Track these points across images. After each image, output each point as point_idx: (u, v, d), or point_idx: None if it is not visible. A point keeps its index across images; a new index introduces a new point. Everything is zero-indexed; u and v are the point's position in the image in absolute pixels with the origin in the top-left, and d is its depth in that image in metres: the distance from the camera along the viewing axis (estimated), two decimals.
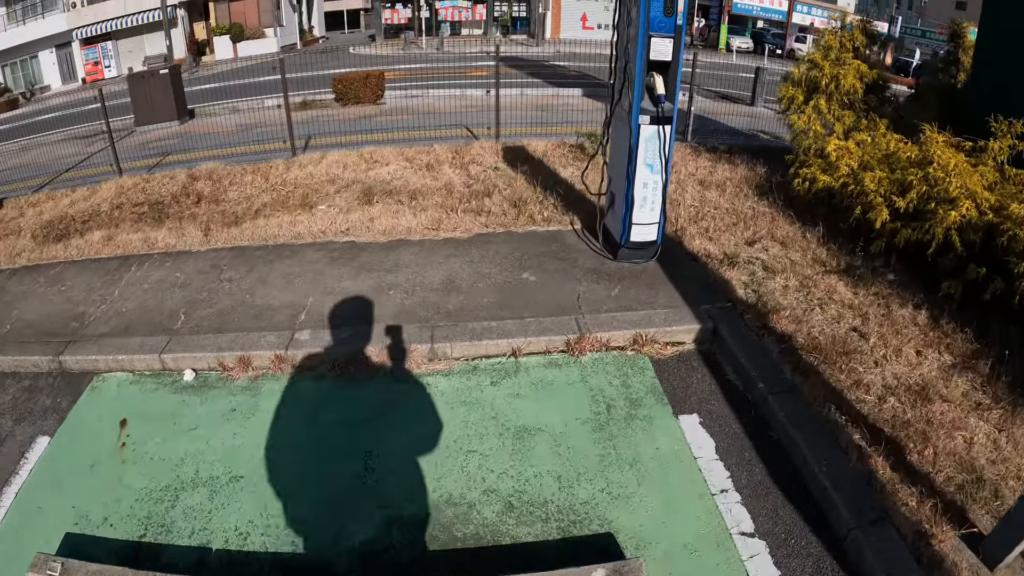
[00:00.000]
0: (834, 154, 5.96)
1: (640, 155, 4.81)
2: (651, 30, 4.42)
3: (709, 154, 8.51)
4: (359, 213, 6.34)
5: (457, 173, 7.49)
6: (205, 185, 7.85)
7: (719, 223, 5.93)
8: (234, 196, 7.33)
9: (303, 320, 4.66)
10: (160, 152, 10.96)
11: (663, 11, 4.37)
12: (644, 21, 4.41)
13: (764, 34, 38.56)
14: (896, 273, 5.11)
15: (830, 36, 7.29)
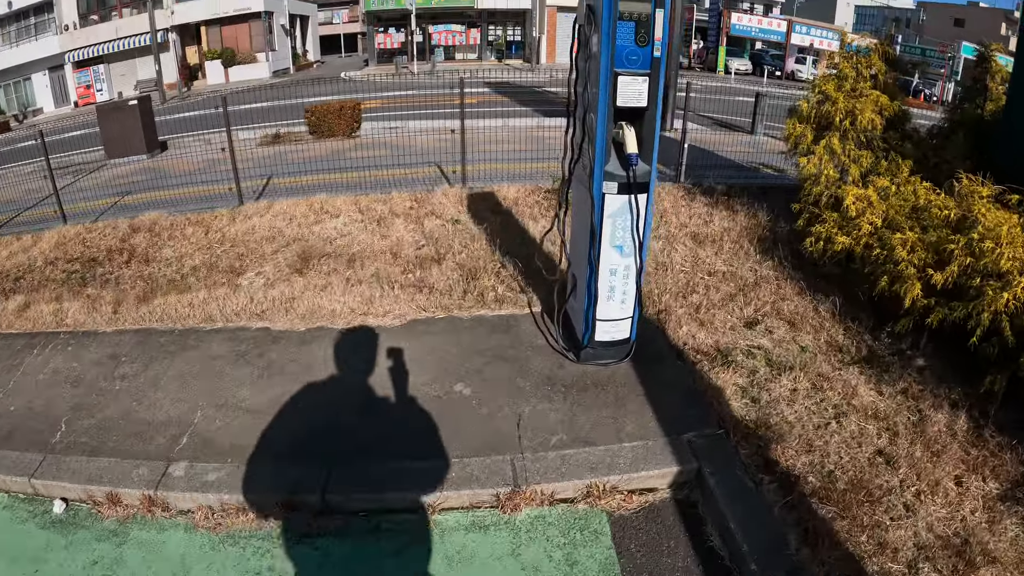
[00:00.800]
0: (853, 207, 4.97)
1: (606, 235, 3.69)
2: (617, 66, 3.34)
3: (705, 197, 7.54)
4: (284, 287, 5.39)
5: (410, 229, 6.54)
6: (143, 239, 7.25)
7: (713, 297, 4.92)
8: (167, 255, 6.68)
9: (183, 446, 3.69)
10: (120, 191, 10.31)
11: (634, 39, 3.31)
12: (607, 53, 3.34)
13: (763, 56, 37.99)
14: (926, 357, 4.20)
15: (844, 63, 6.23)
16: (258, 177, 9.69)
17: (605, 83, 3.39)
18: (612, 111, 3.43)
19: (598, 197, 3.60)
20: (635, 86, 3.39)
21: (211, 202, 8.39)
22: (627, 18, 3.25)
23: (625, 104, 3.41)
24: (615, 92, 3.37)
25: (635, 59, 3.35)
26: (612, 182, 3.55)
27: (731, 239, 6.06)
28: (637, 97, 3.41)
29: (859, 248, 4.85)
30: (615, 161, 3.56)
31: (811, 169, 5.88)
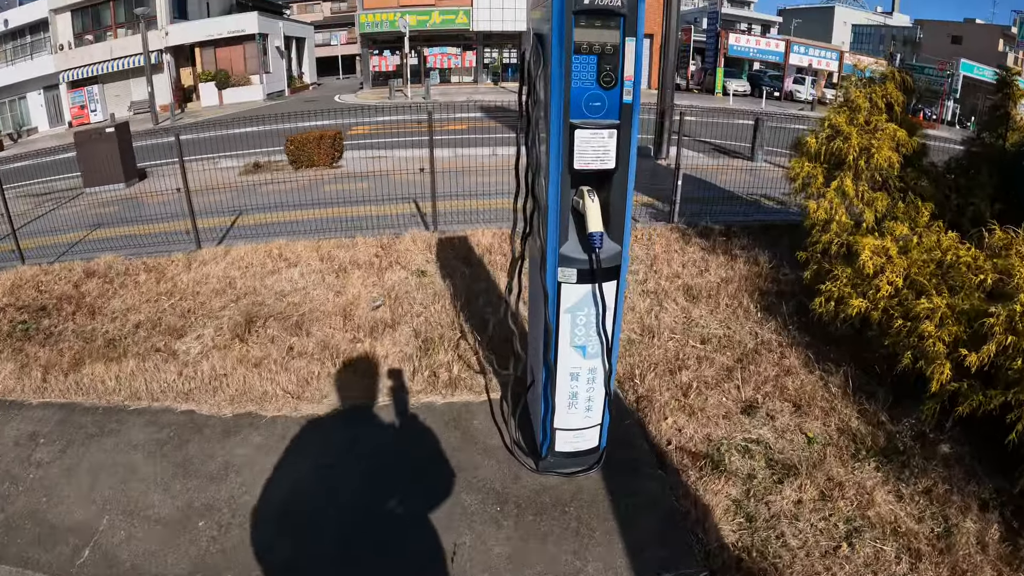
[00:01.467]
0: (870, 263, 4.35)
1: (564, 333, 2.89)
2: (574, 115, 2.56)
3: (701, 240, 6.92)
4: (219, 358, 4.75)
5: (370, 283, 5.90)
6: (95, 286, 6.74)
7: (706, 372, 4.26)
8: (115, 307, 6.15)
9: (85, 560, 3.08)
10: (91, 224, 9.80)
11: (595, 79, 2.54)
12: (559, 99, 2.55)
13: (761, 76, 37.57)
14: (952, 441, 3.61)
15: (856, 92, 5.55)
16: (228, 213, 9.20)
17: (558, 138, 2.59)
18: (569, 175, 2.65)
19: (552, 287, 2.80)
20: (598, 142, 2.59)
21: (171, 244, 7.88)
22: (586, 50, 2.50)
23: (585, 167, 2.62)
24: (571, 151, 2.59)
25: (598, 106, 2.57)
26: (570, 268, 2.74)
27: (729, 293, 5.42)
28: (602, 157, 2.61)
29: (877, 313, 4.23)
30: (574, 240, 2.76)
31: (821, 215, 5.25)
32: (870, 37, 62.55)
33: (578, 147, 2.59)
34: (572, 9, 2.44)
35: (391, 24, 33.83)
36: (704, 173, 10.29)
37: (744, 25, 55.17)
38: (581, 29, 2.49)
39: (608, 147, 2.61)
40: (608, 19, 2.49)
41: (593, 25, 2.49)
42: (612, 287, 2.82)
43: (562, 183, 2.63)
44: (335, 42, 49.94)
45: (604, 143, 2.60)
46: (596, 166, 2.63)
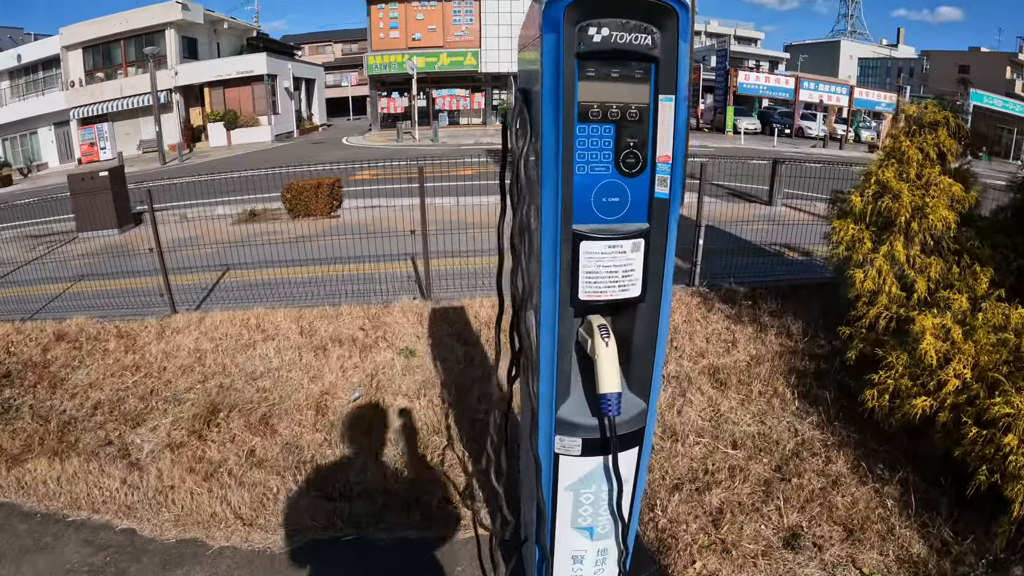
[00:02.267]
0: (932, 351, 3.67)
1: (563, 513, 2.07)
2: (578, 218, 1.73)
3: (725, 306, 6.25)
4: (169, 461, 4.09)
5: (351, 367, 5.21)
6: (63, 352, 6.27)
7: (740, 490, 3.53)
8: (78, 380, 5.63)
9: None
10: (75, 275, 9.44)
11: (612, 161, 1.71)
12: (554, 191, 1.70)
13: (771, 113, 37.19)
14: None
15: (906, 142, 4.83)
16: (215, 268, 8.65)
17: (553, 253, 1.73)
18: (571, 307, 1.81)
19: (546, 458, 1.96)
20: (616, 259, 1.74)
21: (149, 306, 7.33)
22: (598, 116, 1.67)
23: (596, 297, 1.77)
24: (575, 271, 1.74)
25: (615, 203, 1.73)
26: (572, 438, 1.91)
27: (761, 377, 4.72)
28: (621, 281, 1.76)
29: (944, 415, 3.54)
30: (578, 396, 1.92)
31: (869, 286, 4.57)
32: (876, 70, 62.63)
33: (585, 267, 1.74)
34: (575, 50, 1.59)
35: (399, 66, 33.77)
36: (722, 221, 9.65)
37: (752, 62, 55.24)
38: (589, 83, 1.64)
39: (631, 266, 1.75)
40: (632, 67, 1.65)
41: (609, 76, 1.65)
42: (633, 456, 1.99)
43: (560, 318, 1.79)
44: (345, 83, 50.10)
45: (625, 260, 1.75)
46: (612, 295, 1.78)
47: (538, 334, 1.84)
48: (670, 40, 1.63)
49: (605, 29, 1.59)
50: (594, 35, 1.59)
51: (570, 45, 1.59)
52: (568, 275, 1.76)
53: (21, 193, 24.56)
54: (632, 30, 1.60)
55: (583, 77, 1.64)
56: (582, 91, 1.65)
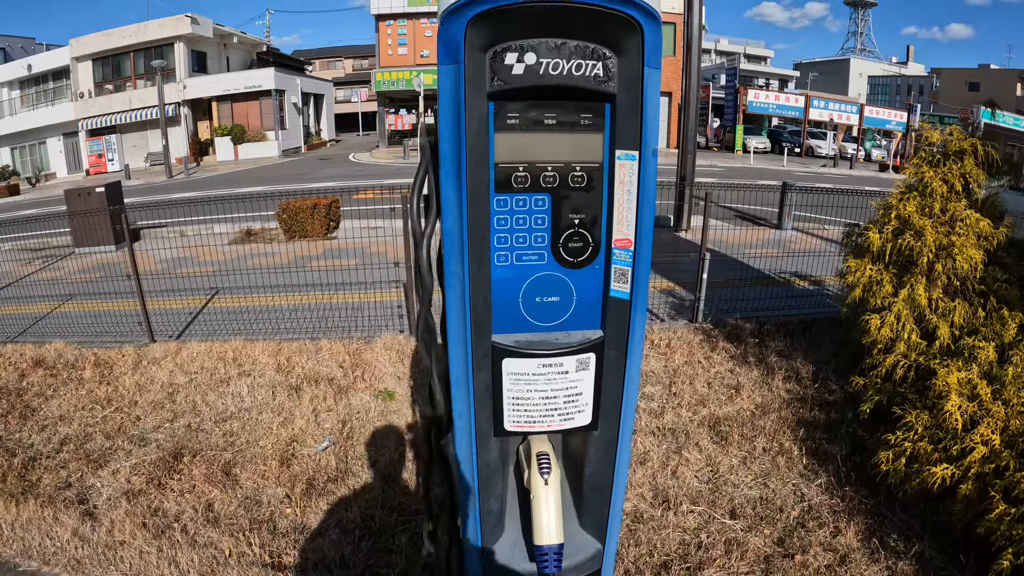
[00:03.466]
0: (957, 412, 3.33)
1: None
2: (498, 327, 1.25)
3: (729, 344, 5.89)
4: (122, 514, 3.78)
5: (324, 409, 4.89)
6: (38, 379, 6.11)
7: (735, 570, 3.15)
8: (50, 411, 5.46)
9: None
10: (64, 294, 9.29)
11: (548, 245, 1.23)
12: (458, 294, 1.23)
13: (781, 133, 36.87)
14: None
15: (929, 172, 4.39)
16: (203, 292, 8.42)
17: (463, 373, 1.29)
18: (494, 436, 1.35)
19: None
20: (553, 381, 1.28)
21: (130, 333, 7.07)
22: (523, 184, 1.20)
23: (525, 428, 1.33)
24: (497, 396, 1.29)
25: (553, 303, 1.27)
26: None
27: (766, 431, 4.36)
28: (561, 408, 1.31)
29: (967, 486, 3.19)
30: (514, 534, 1.48)
31: (887, 333, 4.20)
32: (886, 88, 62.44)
33: (510, 392, 1.28)
34: (486, 88, 1.10)
35: (407, 83, 33.67)
36: (729, 246, 9.32)
37: (762, 81, 55.03)
38: (511, 135, 1.16)
39: (575, 389, 1.29)
40: (574, 109, 1.16)
41: (540, 125, 1.16)
42: None
43: (482, 451, 1.35)
44: (355, 99, 49.91)
45: (567, 383, 1.28)
46: (549, 426, 1.32)
47: (457, 467, 1.40)
48: (631, 68, 1.11)
49: (531, 55, 1.08)
50: (515, 65, 1.08)
51: (477, 80, 1.09)
52: (488, 400, 1.29)
53: (28, 203, 24.58)
54: (573, 55, 1.09)
55: (501, 127, 1.14)
56: (501, 147, 1.15)
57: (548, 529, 1.30)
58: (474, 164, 1.13)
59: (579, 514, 1.47)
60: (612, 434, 1.36)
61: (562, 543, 1.32)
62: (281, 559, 3.33)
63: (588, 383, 1.29)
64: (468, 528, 1.43)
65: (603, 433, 1.35)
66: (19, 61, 36.74)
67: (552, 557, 1.31)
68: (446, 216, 1.19)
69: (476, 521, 1.41)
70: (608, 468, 1.39)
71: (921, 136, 4.88)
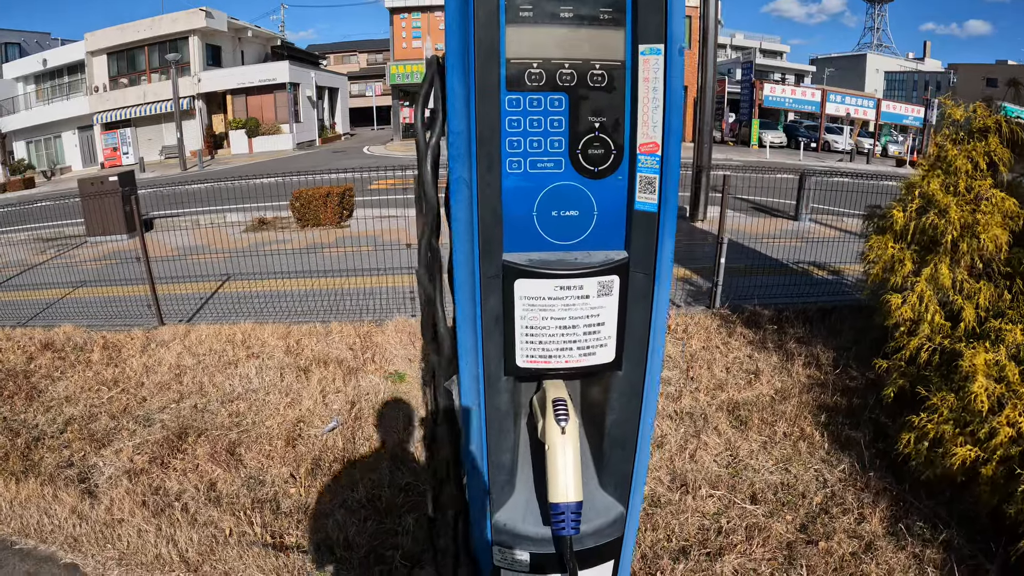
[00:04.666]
0: (983, 394, 3.18)
1: None
2: (510, 243, 1.10)
3: (748, 330, 5.75)
4: (122, 492, 3.71)
5: (332, 390, 4.81)
6: (47, 362, 6.09)
7: (756, 555, 3.03)
8: (56, 393, 5.41)
9: None
10: (77, 280, 9.34)
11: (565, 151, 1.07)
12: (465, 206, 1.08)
13: (797, 127, 36.44)
14: None
15: (953, 150, 4.22)
16: (216, 277, 8.39)
17: (470, 297, 1.14)
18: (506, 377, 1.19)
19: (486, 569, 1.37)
20: (572, 308, 1.12)
21: (138, 318, 7.02)
22: (538, 83, 1.04)
23: (539, 364, 1.16)
24: (508, 326, 1.13)
25: (572, 218, 1.11)
26: (515, 551, 1.29)
27: (787, 416, 4.22)
28: (580, 341, 1.15)
29: (991, 468, 3.05)
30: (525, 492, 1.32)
31: (907, 313, 4.04)
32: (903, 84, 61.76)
33: (523, 320, 1.13)
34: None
35: (421, 76, 33.42)
36: (746, 237, 9.15)
37: (777, 75, 54.48)
38: (524, 28, 1.02)
39: (597, 318, 1.14)
40: (595, 2, 1.03)
41: (556, 18, 1.03)
42: (607, 570, 1.37)
43: (491, 394, 1.19)
44: (370, 93, 49.90)
45: (588, 310, 1.13)
46: (568, 363, 1.17)
47: (460, 411, 1.25)
48: None
49: None
50: None
51: None
52: (498, 331, 1.14)
53: (43, 196, 24.75)
54: None
55: (514, 19, 1.01)
56: (513, 41, 1.02)
57: (565, 484, 1.16)
58: (483, 58, 1.00)
59: (599, 474, 1.32)
60: (638, 375, 1.20)
61: (580, 500, 1.17)
62: (283, 539, 3.24)
63: (611, 312, 1.14)
64: (474, 487, 1.28)
65: (627, 374, 1.20)
66: (34, 56, 36.93)
67: (570, 517, 1.17)
68: (452, 117, 1.04)
69: (484, 478, 1.26)
70: (633, 416, 1.23)
71: (944, 113, 4.69)
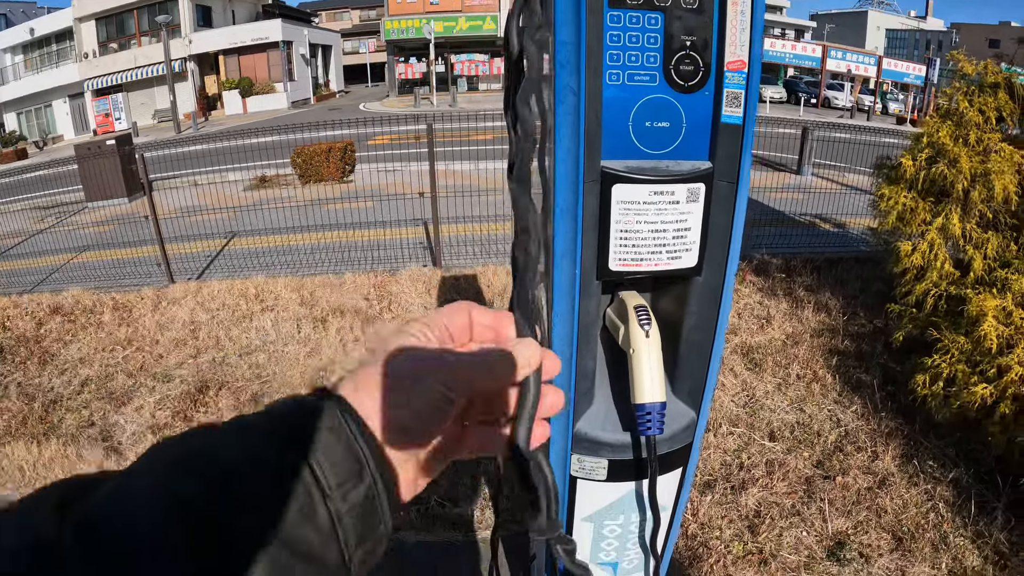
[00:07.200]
0: (993, 334, 3.24)
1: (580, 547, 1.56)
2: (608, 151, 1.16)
3: (757, 278, 5.81)
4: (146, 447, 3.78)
5: (351, 339, 4.87)
6: (57, 326, 6.08)
7: (778, 489, 3.12)
8: (69, 355, 5.40)
9: None
10: (80, 245, 9.16)
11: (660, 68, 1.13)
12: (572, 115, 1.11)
13: (797, 83, 36.06)
14: None
15: (964, 101, 4.25)
16: (221, 236, 8.41)
17: (571, 201, 1.16)
18: (597, 281, 1.27)
19: (560, 480, 1.41)
20: (663, 212, 1.19)
21: (147, 278, 7.03)
22: (635, 1, 1.10)
23: (632, 267, 1.23)
24: (604, 229, 1.19)
25: (663, 129, 1.16)
26: (595, 458, 1.40)
27: (800, 359, 4.30)
28: (669, 245, 1.22)
29: (1005, 405, 3.12)
30: (604, 402, 1.41)
31: (917, 260, 4.10)
32: (904, 42, 60.89)
33: (618, 223, 1.18)
34: None
35: (417, 31, 32.98)
36: (750, 190, 9.15)
37: (777, 30, 53.74)
38: None
39: (685, 223, 1.20)
40: None
41: None
42: (674, 479, 1.49)
43: (583, 296, 1.23)
44: (363, 50, 49.15)
45: (677, 215, 1.19)
46: (657, 265, 1.22)
47: (550, 318, 1.26)
48: None
49: None
50: None
51: None
52: (594, 235, 1.19)
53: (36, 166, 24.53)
54: None
55: None
56: None
57: (652, 386, 1.23)
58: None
59: (672, 381, 1.40)
60: (717, 280, 1.27)
61: (664, 401, 1.25)
62: None
63: (697, 217, 1.21)
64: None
65: (707, 280, 1.27)
66: (21, 26, 36.01)
67: (656, 417, 1.24)
68: (560, 27, 1.08)
69: (571, 383, 1.31)
70: (710, 321, 1.31)
71: (958, 67, 4.69)
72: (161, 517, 0.36)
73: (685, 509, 1.76)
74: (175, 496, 0.37)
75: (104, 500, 0.38)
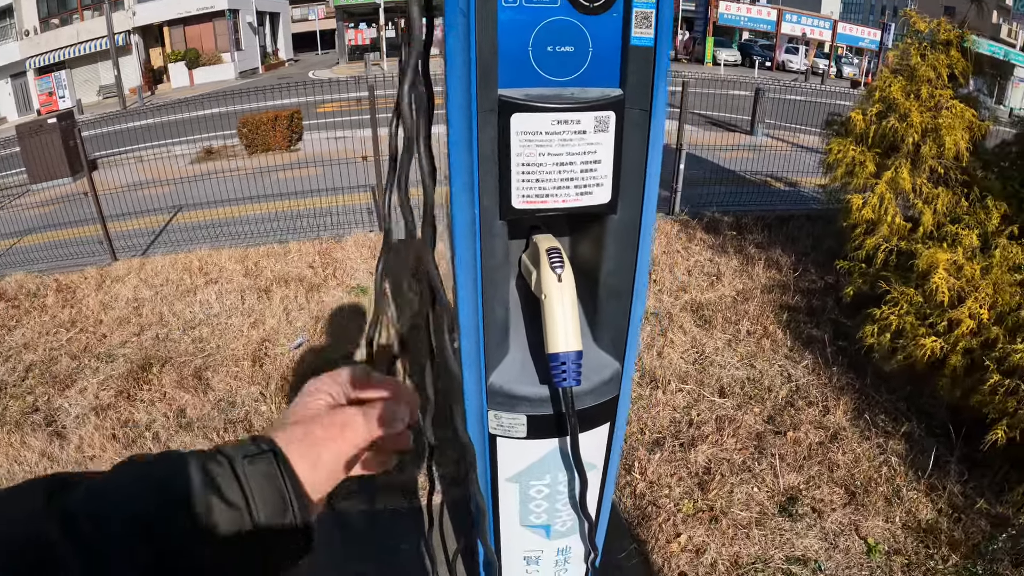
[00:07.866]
0: (944, 286, 3.27)
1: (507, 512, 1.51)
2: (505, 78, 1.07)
3: (708, 235, 5.81)
4: (91, 429, 3.66)
5: (295, 307, 4.75)
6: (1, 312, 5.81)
7: (728, 446, 3.13)
8: (14, 341, 5.18)
9: None
10: (23, 229, 8.91)
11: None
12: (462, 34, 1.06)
13: (752, 46, 36.10)
14: None
15: (917, 55, 4.27)
16: (166, 211, 8.17)
17: (465, 133, 1.08)
18: (501, 221, 1.17)
19: (478, 440, 1.38)
20: (569, 143, 1.10)
21: (91, 257, 6.79)
22: None
23: (536, 204, 1.14)
24: (504, 163, 1.10)
25: (567, 53, 1.06)
26: (512, 414, 1.32)
27: (749, 315, 4.31)
28: (577, 179, 1.13)
29: (956, 358, 3.15)
30: (519, 352, 1.33)
31: (868, 214, 4.12)
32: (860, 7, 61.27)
33: (519, 156, 1.09)
34: None
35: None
36: (702, 150, 9.14)
37: None
38: None
39: (594, 155, 1.12)
40: None
41: None
42: (602, 435, 1.41)
43: (485, 238, 1.16)
44: (312, 17, 47.85)
45: (584, 146, 1.11)
46: (564, 202, 1.14)
47: (453, 264, 1.20)
48: None
49: None
50: None
51: None
52: (493, 170, 1.10)
53: None
54: None
55: None
56: None
57: (565, 333, 1.16)
58: None
59: (593, 330, 1.32)
60: (633, 218, 1.19)
61: (580, 350, 1.17)
62: None
63: (607, 149, 1.13)
64: (468, 347, 1.25)
65: (623, 218, 1.19)
66: None
67: (572, 367, 1.17)
68: None
69: (479, 334, 1.22)
70: (628, 264, 1.23)
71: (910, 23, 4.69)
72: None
73: (618, 467, 1.71)
74: None
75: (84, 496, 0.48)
